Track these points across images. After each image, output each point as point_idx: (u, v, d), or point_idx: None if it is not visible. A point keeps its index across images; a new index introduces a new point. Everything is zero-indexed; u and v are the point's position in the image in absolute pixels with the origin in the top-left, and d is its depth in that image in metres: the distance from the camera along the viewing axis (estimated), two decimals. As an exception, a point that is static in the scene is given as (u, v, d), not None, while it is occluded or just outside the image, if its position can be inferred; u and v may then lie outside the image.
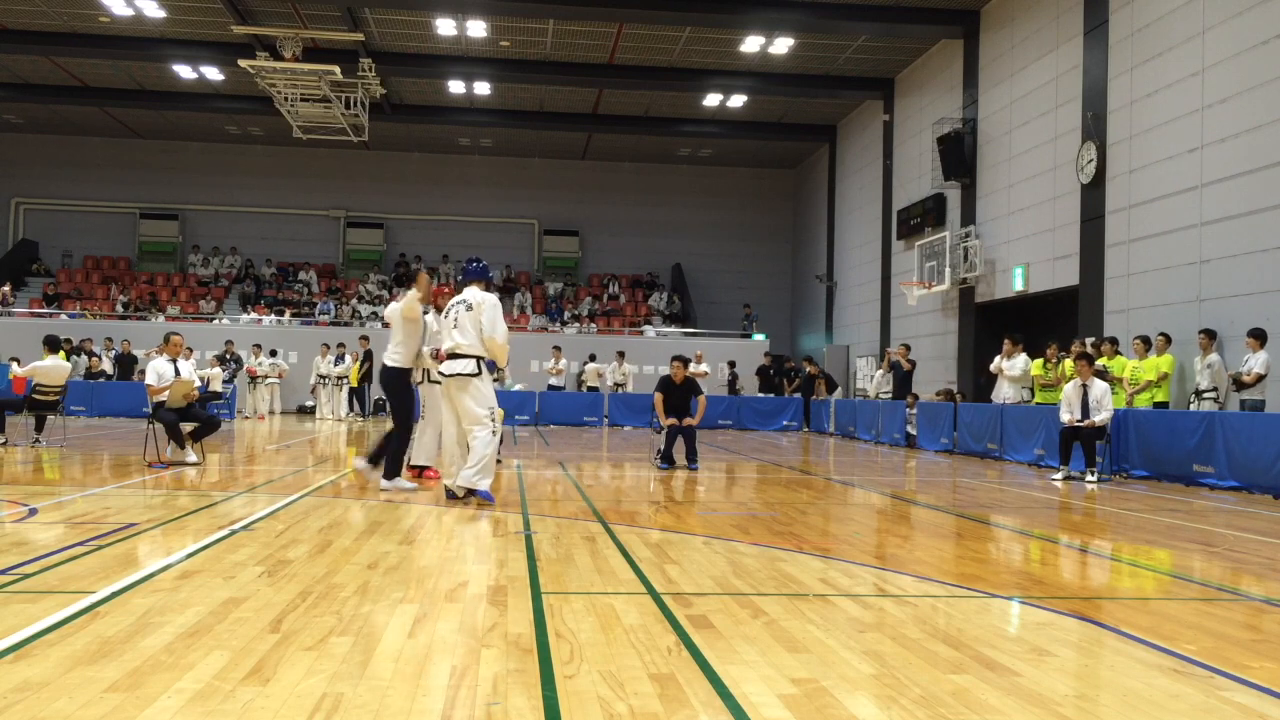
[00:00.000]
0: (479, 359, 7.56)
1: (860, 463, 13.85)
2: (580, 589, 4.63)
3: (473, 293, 7.76)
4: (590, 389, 24.04)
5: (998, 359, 15.62)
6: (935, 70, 21.39)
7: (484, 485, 7.48)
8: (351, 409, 23.32)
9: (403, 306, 8.54)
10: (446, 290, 9.39)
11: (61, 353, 13.56)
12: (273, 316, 27.43)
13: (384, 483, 8.45)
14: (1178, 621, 4.24)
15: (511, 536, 6.20)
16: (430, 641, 3.62)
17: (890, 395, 19.49)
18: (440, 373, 7.79)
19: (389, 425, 8.74)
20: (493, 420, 7.51)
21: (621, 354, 24.57)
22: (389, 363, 8.53)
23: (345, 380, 23.26)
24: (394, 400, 8.58)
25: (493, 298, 7.77)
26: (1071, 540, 6.91)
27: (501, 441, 9.09)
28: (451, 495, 7.75)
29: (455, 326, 7.65)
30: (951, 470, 12.67)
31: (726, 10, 19.43)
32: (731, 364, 25.13)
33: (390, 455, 8.53)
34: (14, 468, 10.01)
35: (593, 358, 24.61)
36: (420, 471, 9.34)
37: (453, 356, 7.60)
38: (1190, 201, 13.15)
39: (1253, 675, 3.44)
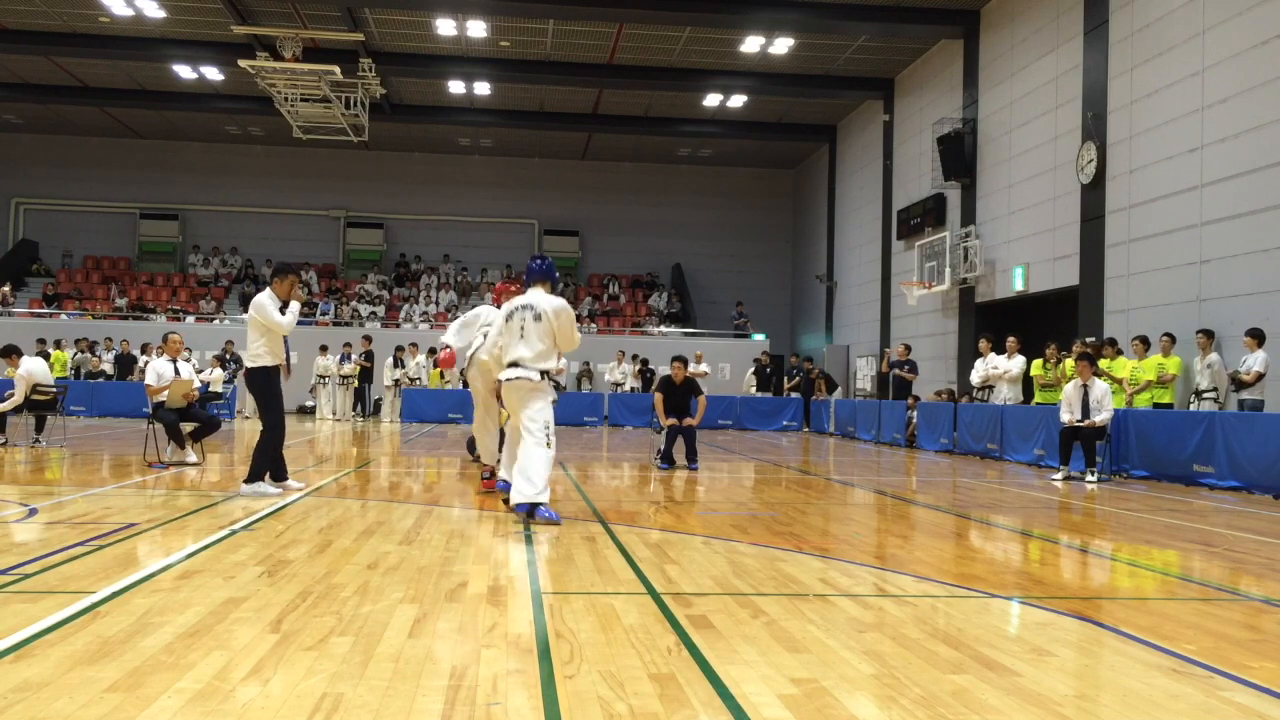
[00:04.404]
0: (543, 372, 6.91)
1: (860, 463, 13.85)
2: (580, 589, 4.63)
3: (539, 297, 7.01)
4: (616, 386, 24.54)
5: (981, 365, 15.67)
6: (935, 70, 21.39)
7: (544, 499, 6.69)
8: (354, 409, 23.36)
9: (256, 312, 7.97)
10: (513, 289, 8.37)
11: (13, 358, 12.98)
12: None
13: (244, 487, 7.92)
14: (1178, 621, 4.24)
15: (511, 536, 6.20)
16: (430, 641, 3.62)
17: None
18: (498, 379, 7.19)
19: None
20: (548, 434, 6.80)
21: (628, 354, 24.76)
22: (252, 364, 7.99)
23: (350, 379, 23.29)
24: (261, 400, 8.08)
25: (565, 307, 7.04)
26: (1071, 540, 6.91)
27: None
28: (502, 485, 7.43)
29: (522, 337, 6.91)
30: (951, 470, 12.67)
31: (726, 10, 19.42)
32: (644, 361, 25.18)
33: (255, 456, 8.04)
34: (14, 468, 10.01)
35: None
36: (492, 477, 8.54)
37: (513, 365, 6.97)
38: (1190, 201, 13.14)
39: (1253, 675, 3.44)
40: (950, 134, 19.65)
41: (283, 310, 8.04)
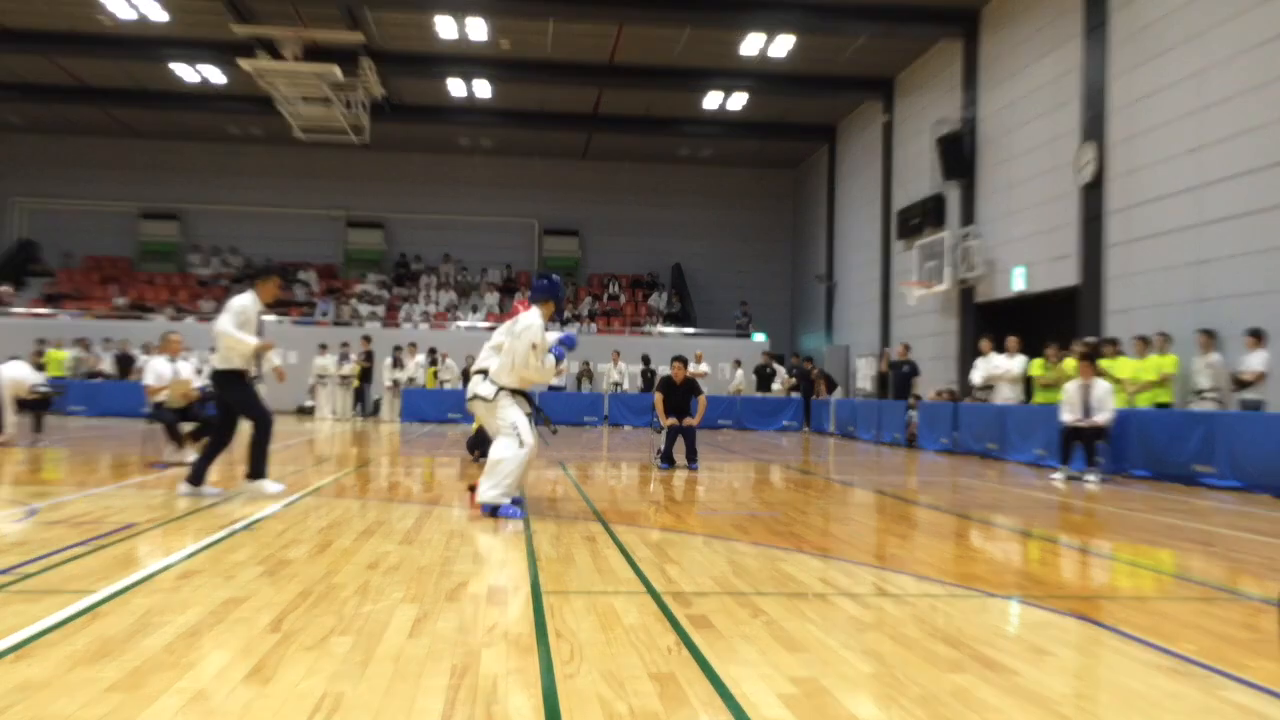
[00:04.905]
0: (500, 388, 6.97)
1: (860, 463, 13.85)
2: (580, 589, 4.63)
3: (525, 315, 7.05)
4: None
5: (982, 364, 15.75)
6: (935, 70, 21.38)
7: (504, 501, 6.83)
8: (354, 409, 23.38)
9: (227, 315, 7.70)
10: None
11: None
12: (272, 316, 27.41)
13: (245, 484, 7.82)
14: (1177, 621, 4.24)
15: (511, 536, 6.20)
16: (430, 641, 3.62)
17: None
18: (476, 392, 7.19)
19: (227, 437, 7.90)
20: (518, 433, 6.87)
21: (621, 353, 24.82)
22: (219, 365, 7.74)
23: (349, 379, 23.29)
24: (236, 403, 7.79)
25: (530, 327, 6.92)
26: (1071, 540, 6.91)
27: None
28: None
29: (498, 347, 7.04)
30: (951, 470, 12.67)
31: (726, 10, 19.43)
32: (646, 359, 25.12)
33: (252, 453, 7.84)
34: (14, 468, 10.01)
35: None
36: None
37: (480, 372, 7.08)
38: (1190, 201, 13.15)
39: (1252, 675, 3.44)
40: (950, 134, 19.65)
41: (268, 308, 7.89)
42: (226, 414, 7.96)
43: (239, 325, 7.65)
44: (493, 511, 6.83)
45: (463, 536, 6.14)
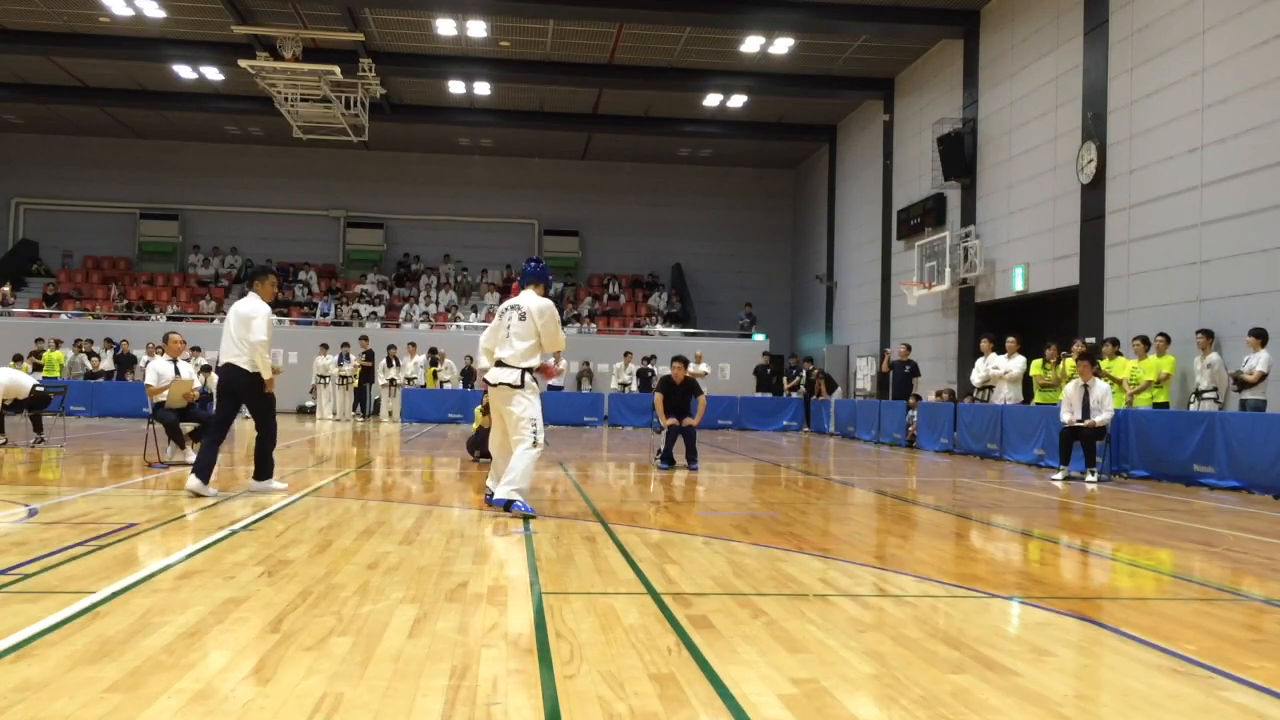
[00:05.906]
0: (524, 370, 7.14)
1: (860, 463, 13.84)
2: (580, 589, 4.63)
3: (527, 298, 7.33)
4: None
5: (981, 365, 15.77)
6: (935, 70, 21.39)
7: (520, 498, 7.01)
8: (354, 409, 23.38)
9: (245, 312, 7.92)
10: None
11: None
12: (272, 316, 27.38)
13: (253, 483, 8.05)
14: (1178, 621, 4.24)
15: (511, 536, 6.20)
16: (430, 641, 3.62)
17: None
18: (486, 380, 7.40)
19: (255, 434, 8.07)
20: (534, 432, 7.05)
21: (628, 354, 24.86)
22: (240, 363, 7.82)
23: (350, 379, 23.29)
24: (250, 402, 7.93)
25: (549, 307, 7.30)
26: (1071, 540, 6.91)
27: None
28: (490, 500, 7.32)
29: (507, 336, 7.23)
30: (951, 470, 12.67)
31: (726, 10, 19.42)
32: (648, 358, 25.09)
33: (259, 454, 8.09)
34: (14, 468, 10.01)
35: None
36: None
37: (499, 364, 7.24)
38: (1190, 201, 13.14)
39: (1253, 675, 3.44)
40: (950, 134, 19.64)
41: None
42: (228, 409, 8.02)
43: (269, 328, 7.94)
44: (507, 505, 6.98)
45: (463, 536, 6.14)
